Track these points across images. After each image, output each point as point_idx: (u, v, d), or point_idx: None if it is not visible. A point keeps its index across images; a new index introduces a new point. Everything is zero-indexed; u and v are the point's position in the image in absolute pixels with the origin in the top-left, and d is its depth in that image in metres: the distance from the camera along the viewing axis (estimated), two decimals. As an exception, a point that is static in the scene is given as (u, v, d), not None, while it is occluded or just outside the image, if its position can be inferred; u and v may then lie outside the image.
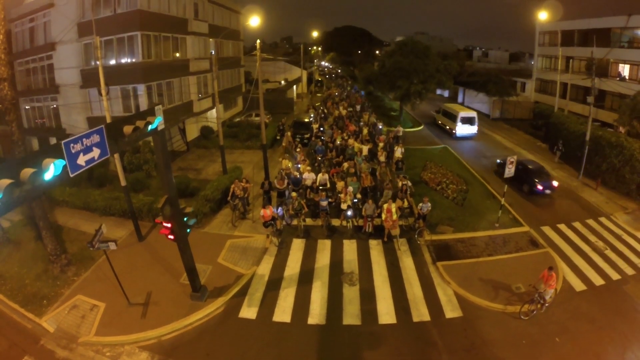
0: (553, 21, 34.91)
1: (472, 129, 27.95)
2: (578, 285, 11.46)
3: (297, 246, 13.54)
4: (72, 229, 15.03)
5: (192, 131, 25.62)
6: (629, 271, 12.25)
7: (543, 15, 30.34)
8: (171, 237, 9.20)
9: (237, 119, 30.83)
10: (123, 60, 19.71)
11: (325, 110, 31.54)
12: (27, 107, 23.80)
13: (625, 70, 27.18)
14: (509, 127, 32.89)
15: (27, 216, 16.03)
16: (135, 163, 19.10)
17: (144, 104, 19.23)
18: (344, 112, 30.44)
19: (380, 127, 25.92)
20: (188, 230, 9.77)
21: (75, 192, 16.66)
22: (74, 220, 15.76)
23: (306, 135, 24.02)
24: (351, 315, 10.32)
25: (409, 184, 15.13)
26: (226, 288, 11.37)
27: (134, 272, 11.90)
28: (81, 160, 6.03)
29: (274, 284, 11.67)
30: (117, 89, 19.69)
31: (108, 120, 13.10)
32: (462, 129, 27.89)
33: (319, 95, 51.33)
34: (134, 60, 19.32)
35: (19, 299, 11.02)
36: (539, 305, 9.78)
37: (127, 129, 6.85)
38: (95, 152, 6.31)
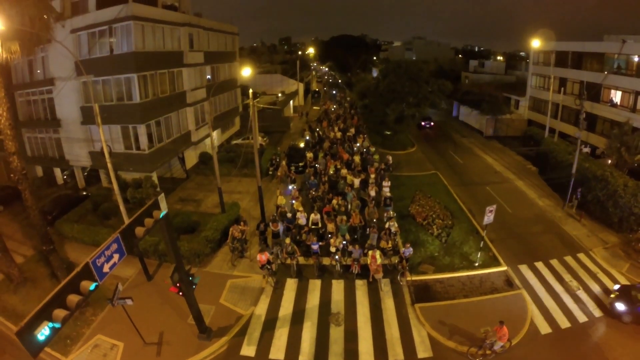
0: (548, 41, 36.85)
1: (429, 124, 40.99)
2: (544, 328, 13.18)
3: (291, 286, 15.43)
4: (83, 267, 16.90)
5: (191, 158, 27.47)
6: (597, 313, 13.86)
7: (536, 43, 32.11)
8: (180, 293, 11.07)
9: (234, 141, 32.65)
10: (122, 101, 21.22)
11: (321, 133, 33.37)
12: (28, 136, 25.56)
13: (617, 96, 28.45)
14: (501, 147, 34.79)
15: (39, 251, 17.97)
16: (138, 197, 20.87)
17: (144, 143, 21.01)
18: (338, 134, 32.31)
19: (373, 152, 27.76)
20: (193, 286, 11.63)
21: (83, 228, 18.52)
22: (84, 257, 17.29)
23: (301, 164, 25.94)
24: (335, 354, 12.20)
25: (395, 225, 17.02)
26: (228, 328, 13.27)
27: (145, 312, 13.76)
28: (106, 268, 7.84)
29: (270, 324, 13.55)
30: (118, 128, 21.39)
31: (109, 166, 14.73)
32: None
33: (315, 108, 53.27)
34: (132, 101, 20.83)
35: (42, 340, 12.91)
36: (488, 352, 11.59)
37: (139, 231, 8.65)
38: (115, 257, 8.12)
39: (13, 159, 12.65)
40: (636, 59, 26.84)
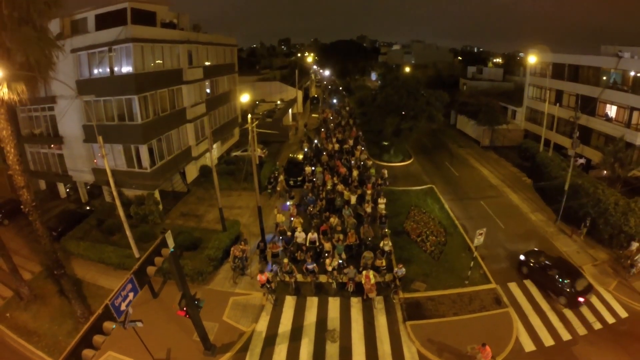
0: (545, 52, 38.10)
1: None
2: (528, 346, 14.27)
3: (289, 303, 16.56)
4: (91, 284, 18.08)
5: (192, 171, 28.60)
6: (581, 331, 14.94)
7: (532, 59, 33.32)
8: (187, 316, 12.21)
9: (234, 153, 33.77)
10: (123, 121, 22.02)
11: (319, 145, 34.56)
12: (31, 151, 26.63)
13: (612, 110, 29.31)
14: (497, 158, 36.01)
15: (46, 268, 19.07)
16: (141, 214, 22.04)
17: (146, 161, 22.13)
18: (336, 146, 33.52)
19: (370, 165, 28.93)
20: (199, 308, 12.77)
21: (89, 246, 19.63)
22: (91, 274, 18.81)
23: (299, 179, 27.12)
24: (331, 370, 13.41)
25: (389, 244, 18.20)
26: (231, 345, 14.44)
27: (153, 330, 14.80)
28: (122, 306, 8.91)
29: (270, 340, 14.72)
30: (120, 147, 22.40)
31: (113, 188, 15.83)
32: None
33: (314, 115, 54.48)
34: (133, 122, 21.70)
35: (56, 356, 14.03)
36: None
37: (151, 270, 9.74)
38: (130, 295, 9.19)
39: (23, 192, 13.70)
40: (632, 73, 27.69)
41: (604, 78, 30.28)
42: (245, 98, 23.15)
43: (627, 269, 18.32)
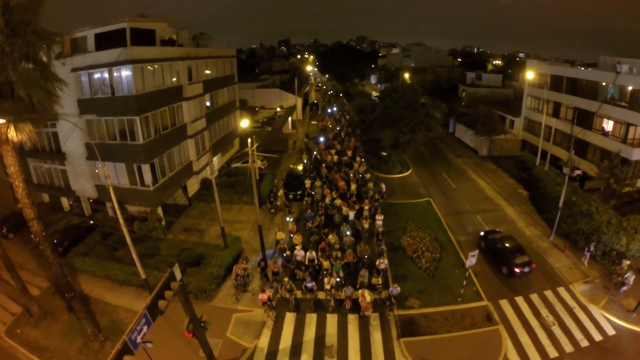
0: (544, 63, 39.21)
1: None
2: (516, 363, 15.41)
3: (289, 320, 17.66)
4: (98, 300, 19.14)
5: (193, 184, 29.65)
6: (568, 348, 15.91)
7: (530, 75, 34.41)
8: (194, 337, 13.30)
9: (234, 164, 34.83)
10: (125, 141, 22.73)
11: (318, 157, 35.68)
12: (34, 165, 27.57)
13: (608, 124, 30.04)
14: (495, 168, 37.12)
15: (54, 283, 20.12)
16: (144, 229, 23.13)
17: (148, 180, 23.08)
18: (335, 157, 34.64)
19: (368, 178, 30.03)
20: (205, 330, 13.84)
21: (95, 263, 20.67)
22: (97, 290, 19.87)
23: (299, 192, 28.22)
24: (329, 386, 14.52)
25: (386, 262, 19.32)
26: (235, 360, 15.56)
27: (160, 346, 15.72)
28: (138, 339, 9.93)
29: (272, 356, 15.84)
30: (122, 166, 23.30)
31: (116, 206, 16.41)
32: None
33: (313, 123, 55.60)
34: (135, 142, 22.42)
35: (68, 373, 15.14)
36: None
37: (162, 304, 10.76)
38: (144, 328, 10.15)
39: (33, 224, 14.67)
40: (630, 88, 28.47)
41: (602, 92, 30.95)
42: (244, 123, 24.11)
43: (618, 285, 19.19)
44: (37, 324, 17.82)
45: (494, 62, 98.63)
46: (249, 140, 19.45)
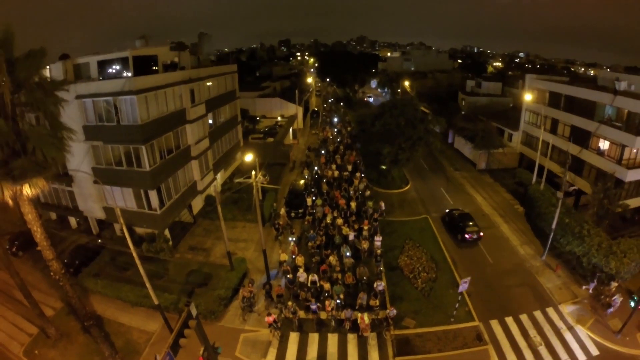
0: (542, 79, 40.83)
1: None
2: (502, 381, 17.20)
3: (293, 339, 19.35)
4: (112, 321, 20.79)
5: (198, 202, 31.26)
6: None
7: (528, 97, 36.02)
8: (206, 361, 14.96)
9: (237, 179, 36.43)
10: (131, 167, 23.74)
11: (319, 172, 37.35)
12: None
13: (605, 145, 30.77)
14: (492, 182, 38.79)
15: (67, 303, 21.73)
16: (152, 250, 24.77)
17: (155, 203, 24.58)
18: (336, 173, 36.31)
19: (367, 195, 31.68)
20: (218, 353, 15.51)
21: (107, 284, 22.28)
22: (110, 311, 21.52)
23: (300, 211, 29.87)
24: (330, 404, 16.24)
25: (383, 284, 21.01)
26: (243, 380, 17.28)
27: None
28: None
29: (276, 376, 17.60)
30: (130, 190, 24.63)
31: (125, 230, 17.18)
32: None
33: (313, 132, 57.26)
34: (141, 169, 23.40)
35: (89, 394, 16.79)
36: None
37: (183, 342, 12.27)
38: None
39: (52, 263, 16.22)
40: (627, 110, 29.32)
41: (600, 111, 31.82)
42: (249, 157, 25.81)
43: (605, 307, 20.60)
44: (54, 345, 19.40)
45: (494, 64, 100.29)
46: (252, 172, 21.15)
